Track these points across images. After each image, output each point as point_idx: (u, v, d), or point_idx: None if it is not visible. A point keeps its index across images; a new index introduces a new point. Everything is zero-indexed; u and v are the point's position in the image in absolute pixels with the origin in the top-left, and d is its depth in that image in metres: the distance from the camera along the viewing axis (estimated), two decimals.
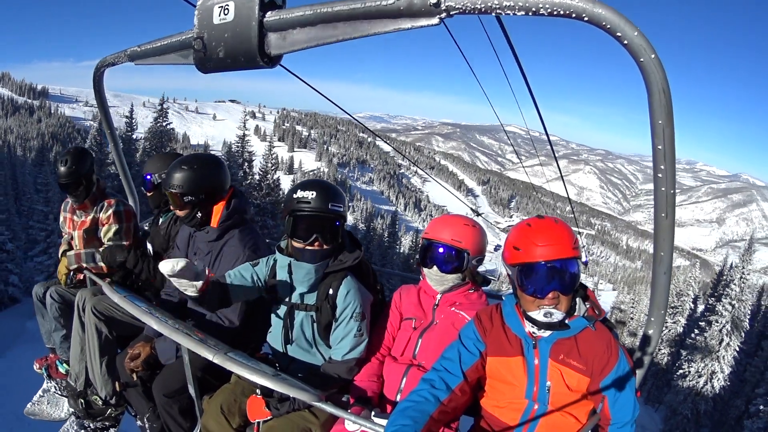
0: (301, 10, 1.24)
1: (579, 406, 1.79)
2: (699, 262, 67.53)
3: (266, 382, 1.88)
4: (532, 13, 0.99)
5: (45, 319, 3.55)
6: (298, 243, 2.19)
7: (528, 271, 1.71)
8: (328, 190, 2.20)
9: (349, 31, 1.18)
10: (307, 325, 2.30)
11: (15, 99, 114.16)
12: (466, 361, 1.86)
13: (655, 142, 1.20)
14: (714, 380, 24.25)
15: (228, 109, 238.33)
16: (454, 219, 2.32)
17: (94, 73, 2.48)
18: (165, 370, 2.53)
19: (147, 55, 1.78)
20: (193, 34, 1.41)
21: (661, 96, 1.10)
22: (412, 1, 1.06)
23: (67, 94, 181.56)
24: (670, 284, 1.68)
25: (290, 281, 2.27)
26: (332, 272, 2.26)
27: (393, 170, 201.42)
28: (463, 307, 2.24)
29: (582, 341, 1.75)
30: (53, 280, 3.65)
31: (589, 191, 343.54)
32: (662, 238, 1.49)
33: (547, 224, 1.74)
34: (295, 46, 1.27)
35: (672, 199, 1.34)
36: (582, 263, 1.80)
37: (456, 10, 1.04)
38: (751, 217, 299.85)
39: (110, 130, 2.97)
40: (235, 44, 1.32)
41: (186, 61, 1.55)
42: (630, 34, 1.01)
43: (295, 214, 2.18)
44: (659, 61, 1.05)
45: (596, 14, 0.97)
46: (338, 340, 2.25)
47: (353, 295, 2.23)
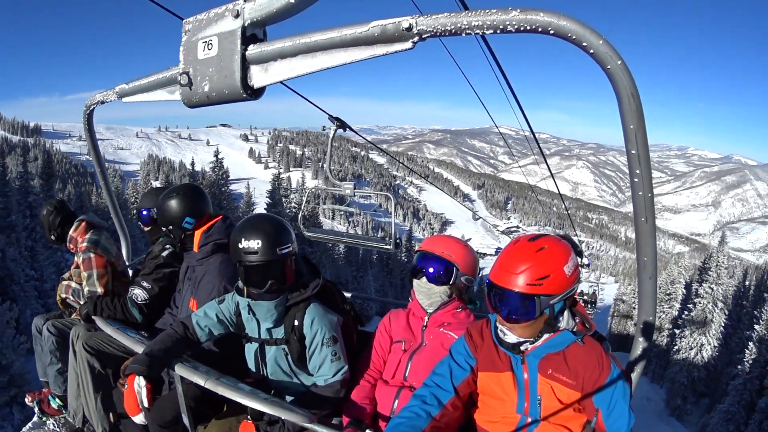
0: (281, 42, 1.27)
1: (572, 419, 1.76)
2: (698, 246, 69.26)
3: (257, 404, 1.90)
4: (500, 31, 1.02)
5: (42, 352, 3.54)
6: (255, 290, 2.19)
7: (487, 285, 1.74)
8: (274, 232, 2.16)
9: (327, 60, 1.22)
10: (281, 358, 2.30)
11: (9, 138, 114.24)
12: (457, 376, 1.86)
13: (628, 147, 1.21)
14: (703, 351, 28.71)
15: (220, 133, 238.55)
16: (447, 237, 2.38)
17: (84, 112, 2.51)
18: (158, 401, 2.51)
19: (135, 92, 1.82)
20: (179, 69, 1.44)
21: (630, 101, 1.11)
22: (386, 28, 1.10)
23: (60, 129, 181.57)
24: (656, 290, 1.65)
25: (255, 318, 2.28)
26: (294, 304, 2.26)
27: (389, 182, 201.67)
28: (452, 327, 2.25)
29: (571, 356, 1.73)
30: (53, 312, 3.70)
31: (584, 186, 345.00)
32: (644, 243, 1.47)
33: (517, 248, 1.69)
34: (276, 77, 1.30)
35: (650, 202, 1.33)
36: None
37: (428, 33, 1.07)
38: (746, 197, 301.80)
39: (101, 169, 3.00)
40: (219, 78, 1.35)
41: (173, 97, 1.59)
42: (595, 43, 1.03)
43: (244, 265, 2.15)
44: (626, 66, 1.07)
45: (561, 27, 1.01)
46: (317, 367, 2.24)
47: (319, 322, 2.22)
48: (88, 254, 3.33)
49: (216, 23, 1.33)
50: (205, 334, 2.33)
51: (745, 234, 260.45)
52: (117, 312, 2.95)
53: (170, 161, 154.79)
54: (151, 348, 2.22)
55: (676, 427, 28.07)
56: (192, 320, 2.33)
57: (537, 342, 1.75)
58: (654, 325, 1.75)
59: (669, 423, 28.35)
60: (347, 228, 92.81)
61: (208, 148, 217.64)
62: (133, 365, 2.13)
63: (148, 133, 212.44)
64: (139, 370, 2.10)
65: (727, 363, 28.14)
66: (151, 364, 2.13)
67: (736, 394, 23.38)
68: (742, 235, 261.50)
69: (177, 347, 2.27)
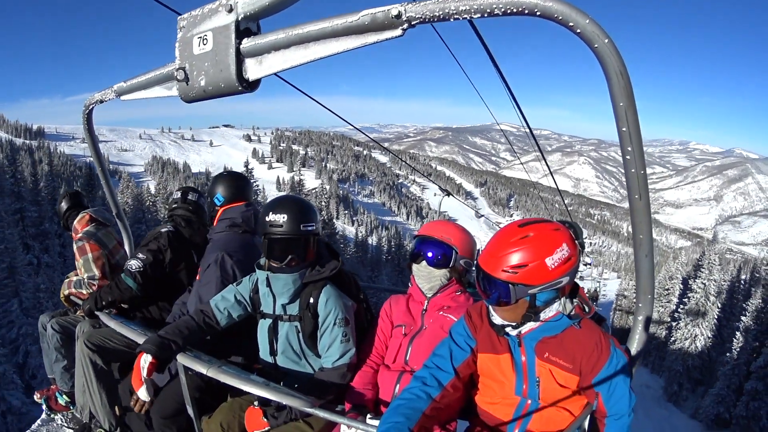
0: (274, 34, 1.29)
1: (573, 400, 1.77)
2: (699, 241, 71.12)
3: (258, 390, 1.94)
4: (487, 14, 1.03)
5: (48, 349, 3.60)
6: (275, 263, 2.28)
7: None
8: (299, 211, 2.26)
9: (320, 51, 1.24)
10: (293, 335, 2.36)
11: (13, 141, 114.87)
12: (457, 357, 1.87)
13: (619, 125, 1.22)
14: (696, 342, 31.48)
15: (223, 134, 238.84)
16: (444, 222, 2.42)
17: (84, 111, 2.53)
18: (162, 393, 2.56)
19: (133, 89, 1.84)
20: (175, 65, 1.47)
21: (619, 78, 1.12)
22: (376, 16, 1.12)
23: (63, 132, 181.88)
24: (654, 267, 1.64)
25: (271, 293, 2.35)
26: (311, 282, 2.33)
27: (392, 181, 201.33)
28: (452, 311, 2.28)
29: (567, 339, 1.73)
30: (59, 310, 3.78)
31: (586, 182, 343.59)
32: (639, 221, 1.47)
33: (503, 231, 1.70)
34: (271, 69, 1.33)
35: (643, 179, 1.34)
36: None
37: (417, 20, 1.09)
38: (747, 191, 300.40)
39: (101, 167, 3.02)
40: (215, 72, 1.38)
41: (170, 93, 1.61)
42: (582, 23, 1.04)
43: (269, 237, 2.25)
44: (613, 44, 1.07)
45: (547, 8, 1.01)
46: (326, 347, 2.30)
47: (333, 302, 2.29)
48: (82, 242, 3.50)
49: (210, 18, 1.36)
50: (225, 317, 2.41)
51: (747, 228, 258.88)
52: (114, 291, 3.05)
53: (174, 162, 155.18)
54: (166, 330, 2.29)
55: (672, 411, 30.33)
56: (210, 305, 2.41)
57: (526, 326, 1.75)
58: (653, 301, 1.74)
59: (666, 408, 30.74)
60: (355, 229, 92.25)
61: (211, 148, 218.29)
62: (145, 344, 2.20)
63: (151, 134, 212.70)
64: (148, 349, 2.15)
65: (720, 352, 30.11)
66: (162, 345, 2.19)
67: (726, 379, 25.61)
68: (744, 228, 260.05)
69: (192, 334, 2.32)
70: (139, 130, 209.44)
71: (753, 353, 24.43)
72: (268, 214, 2.24)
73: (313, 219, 2.30)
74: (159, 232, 3.25)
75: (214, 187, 3.10)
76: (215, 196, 3.08)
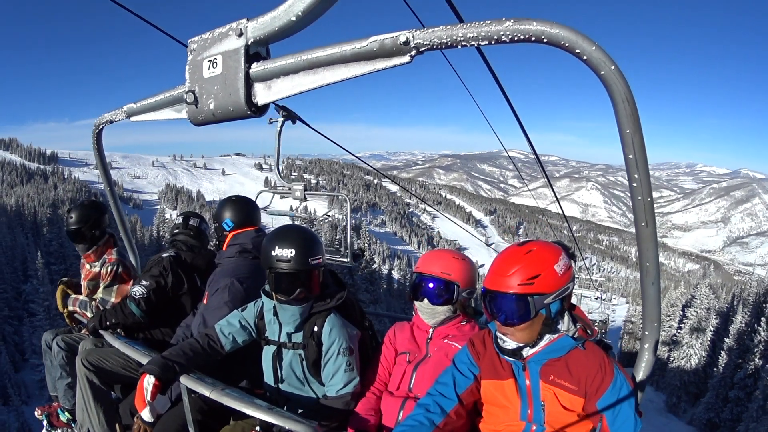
0: (283, 59, 1.31)
1: (578, 425, 1.74)
2: (709, 264, 73.92)
3: (261, 414, 1.91)
4: (494, 41, 1.04)
5: (52, 367, 3.57)
6: (283, 297, 2.25)
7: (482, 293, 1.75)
8: (305, 245, 2.23)
9: (329, 76, 1.25)
10: (296, 363, 2.34)
11: (27, 165, 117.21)
12: (460, 385, 1.86)
13: (625, 151, 1.21)
14: (691, 360, 37.69)
15: (234, 162, 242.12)
16: (443, 253, 2.35)
17: (93, 131, 2.57)
18: (164, 415, 2.52)
19: (143, 110, 1.88)
20: (185, 88, 1.49)
21: (625, 105, 1.12)
22: (384, 43, 1.13)
23: (77, 157, 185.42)
24: (660, 295, 1.65)
25: (278, 321, 2.33)
26: (317, 312, 2.31)
27: (402, 210, 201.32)
28: (456, 339, 2.24)
29: (572, 361, 1.72)
30: (62, 328, 3.76)
31: (594, 207, 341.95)
32: (646, 248, 1.47)
33: (506, 253, 1.74)
34: (280, 94, 1.34)
35: (650, 206, 1.34)
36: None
37: (424, 46, 1.10)
38: (755, 212, 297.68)
39: (110, 188, 3.06)
40: (224, 96, 1.40)
41: (179, 115, 1.64)
42: (588, 50, 1.04)
43: (275, 272, 2.22)
44: (620, 71, 1.07)
45: (554, 35, 1.02)
46: (330, 376, 2.27)
47: (337, 332, 2.27)
48: (118, 268, 3.53)
49: (220, 42, 1.38)
50: (229, 341, 2.39)
51: (755, 248, 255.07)
52: (118, 314, 3.06)
53: (188, 191, 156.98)
54: (170, 352, 2.27)
55: (672, 419, 35.74)
56: (215, 329, 2.39)
57: (536, 347, 1.74)
58: (659, 328, 1.74)
59: (667, 417, 36.16)
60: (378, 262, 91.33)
61: (223, 177, 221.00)
62: (148, 365, 2.18)
63: (163, 162, 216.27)
64: (151, 370, 2.14)
65: (711, 368, 35.32)
66: (165, 367, 2.17)
67: (714, 390, 31.45)
68: (752, 249, 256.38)
69: (196, 356, 2.30)
70: (151, 158, 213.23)
71: (736, 368, 30.08)
72: (274, 249, 2.20)
73: (319, 252, 2.28)
74: (160, 257, 3.27)
75: (223, 211, 3.08)
76: (224, 221, 3.05)
